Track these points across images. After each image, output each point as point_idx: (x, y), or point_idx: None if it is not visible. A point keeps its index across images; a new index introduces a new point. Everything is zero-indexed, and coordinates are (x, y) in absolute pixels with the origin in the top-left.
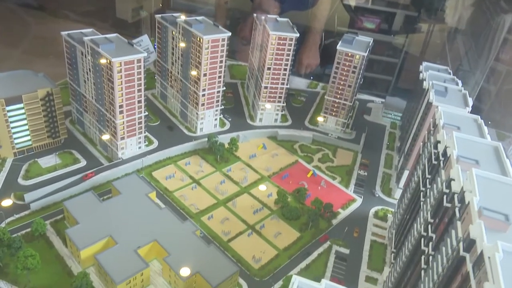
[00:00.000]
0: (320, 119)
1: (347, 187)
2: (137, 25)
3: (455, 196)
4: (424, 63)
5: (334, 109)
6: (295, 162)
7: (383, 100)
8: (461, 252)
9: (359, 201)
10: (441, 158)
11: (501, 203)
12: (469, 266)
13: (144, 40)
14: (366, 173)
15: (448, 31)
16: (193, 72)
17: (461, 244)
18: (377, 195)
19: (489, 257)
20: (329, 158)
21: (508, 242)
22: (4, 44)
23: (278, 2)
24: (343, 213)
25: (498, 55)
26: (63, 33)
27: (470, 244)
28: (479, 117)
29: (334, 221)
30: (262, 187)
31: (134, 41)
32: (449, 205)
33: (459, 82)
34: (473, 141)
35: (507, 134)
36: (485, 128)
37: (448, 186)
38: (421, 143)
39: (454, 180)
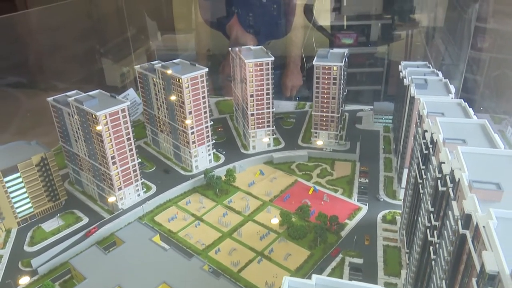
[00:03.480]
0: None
1: (350, 197)
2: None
3: (447, 177)
4: (403, 63)
5: (324, 123)
6: (294, 182)
7: (372, 107)
8: (461, 231)
9: (364, 208)
10: (429, 145)
11: (491, 174)
12: (469, 242)
13: (130, 93)
14: (367, 180)
15: (425, 32)
16: (187, 122)
17: (459, 223)
18: (382, 200)
19: (483, 226)
20: (328, 172)
21: (507, 209)
22: None
23: (253, 35)
24: (351, 223)
25: (477, 45)
26: (49, 99)
27: (467, 220)
28: (462, 100)
29: (343, 233)
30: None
31: (121, 95)
32: (444, 188)
33: (439, 73)
34: (458, 123)
35: (502, 117)
36: (470, 110)
37: (440, 171)
38: (412, 138)
39: (444, 163)
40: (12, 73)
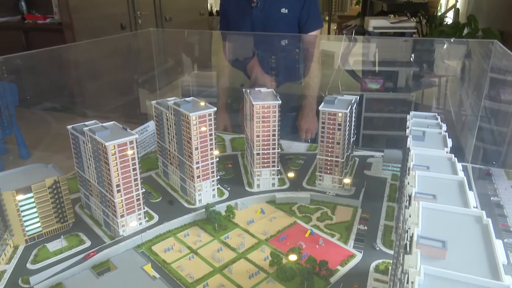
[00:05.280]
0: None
1: (346, 243)
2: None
3: (409, 231)
4: (412, 113)
5: (328, 167)
6: (293, 223)
7: (382, 153)
8: (405, 285)
9: (358, 256)
10: (407, 199)
11: (443, 231)
12: None
13: (150, 125)
14: (366, 227)
15: (450, 81)
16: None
17: (405, 277)
18: (378, 249)
19: (412, 282)
20: (328, 216)
21: (447, 268)
22: (27, 144)
23: (273, 76)
24: (342, 270)
25: (499, 96)
26: (68, 126)
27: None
28: (453, 155)
29: (333, 279)
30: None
31: (141, 127)
32: (408, 242)
33: (443, 125)
34: (436, 178)
35: None
36: (458, 165)
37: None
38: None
39: (410, 217)
40: (50, 100)
